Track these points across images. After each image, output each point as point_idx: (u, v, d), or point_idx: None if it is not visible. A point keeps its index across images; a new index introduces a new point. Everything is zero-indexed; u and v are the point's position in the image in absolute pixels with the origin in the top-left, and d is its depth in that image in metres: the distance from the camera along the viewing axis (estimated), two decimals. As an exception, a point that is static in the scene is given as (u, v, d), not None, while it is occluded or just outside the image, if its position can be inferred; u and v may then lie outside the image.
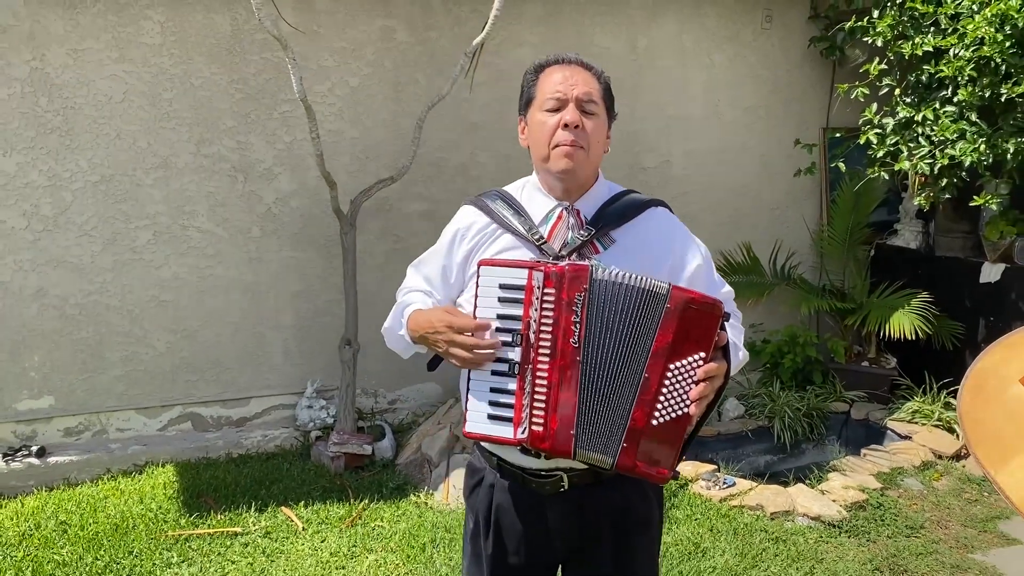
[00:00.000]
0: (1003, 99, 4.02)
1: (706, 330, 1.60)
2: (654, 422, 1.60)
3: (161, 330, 4.47)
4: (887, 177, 4.79)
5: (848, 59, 5.33)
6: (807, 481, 4.19)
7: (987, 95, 4.09)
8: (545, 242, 1.78)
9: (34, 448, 4.22)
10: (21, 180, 4.13)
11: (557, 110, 1.76)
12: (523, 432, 1.64)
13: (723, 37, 5.35)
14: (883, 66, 4.63)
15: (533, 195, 1.87)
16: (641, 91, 5.20)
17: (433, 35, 4.67)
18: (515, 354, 1.66)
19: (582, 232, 1.78)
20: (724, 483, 3.96)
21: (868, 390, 5.27)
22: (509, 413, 1.66)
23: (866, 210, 5.49)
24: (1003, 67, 3.98)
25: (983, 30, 3.94)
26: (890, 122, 4.67)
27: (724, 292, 1.91)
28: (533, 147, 1.82)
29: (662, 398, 1.60)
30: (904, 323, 4.92)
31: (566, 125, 1.74)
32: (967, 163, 4.22)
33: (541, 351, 1.63)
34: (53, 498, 3.98)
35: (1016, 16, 3.79)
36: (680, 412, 1.60)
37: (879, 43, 4.63)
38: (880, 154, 4.72)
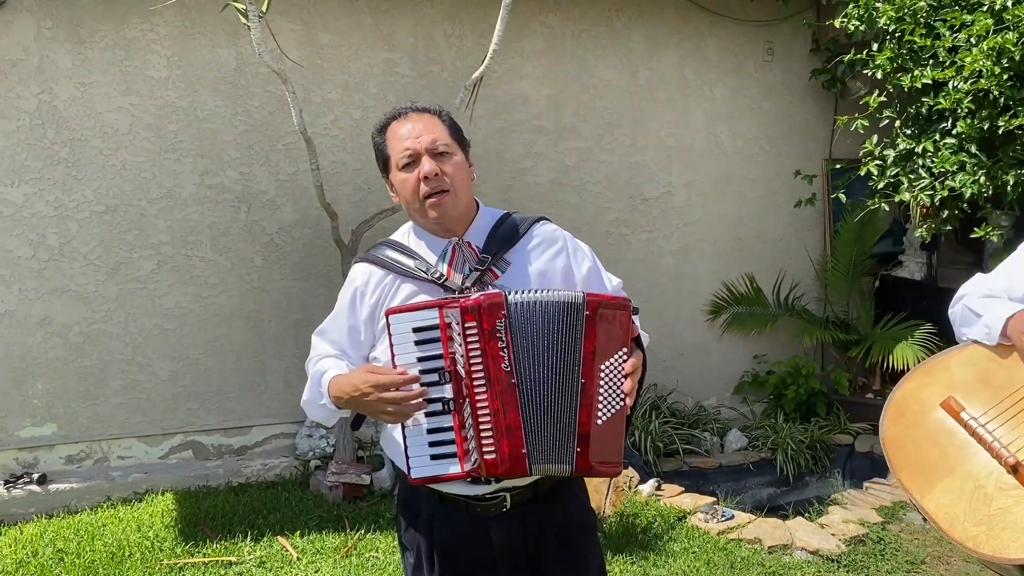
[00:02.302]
0: (1001, 131, 4.02)
1: (623, 327, 1.73)
2: (599, 421, 1.70)
3: (163, 358, 4.50)
4: (887, 208, 4.79)
5: (849, 91, 5.36)
6: (807, 514, 4.15)
7: (986, 127, 4.09)
8: (446, 279, 1.82)
9: (35, 475, 4.25)
10: (28, 210, 4.20)
11: (413, 164, 1.82)
12: (473, 464, 1.68)
13: (725, 69, 5.39)
14: (883, 98, 4.64)
15: (424, 237, 1.91)
16: (642, 123, 5.24)
17: (435, 68, 4.74)
18: (445, 391, 1.70)
19: (478, 262, 1.84)
20: (722, 516, 3.93)
21: (872, 422, 5.22)
22: (452, 449, 1.70)
23: (869, 241, 5.49)
24: (1001, 100, 3.99)
25: (981, 63, 3.95)
26: (891, 153, 4.67)
27: (617, 284, 2.01)
28: (405, 205, 1.88)
29: (600, 398, 1.70)
30: (908, 354, 4.89)
31: (426, 178, 1.79)
32: (967, 195, 4.21)
33: (476, 382, 1.68)
34: (52, 525, 4.00)
35: (1013, 49, 3.81)
36: (619, 406, 1.72)
37: (879, 75, 4.65)
38: (881, 185, 4.71)
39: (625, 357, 1.72)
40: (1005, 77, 3.91)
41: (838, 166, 5.47)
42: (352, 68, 4.61)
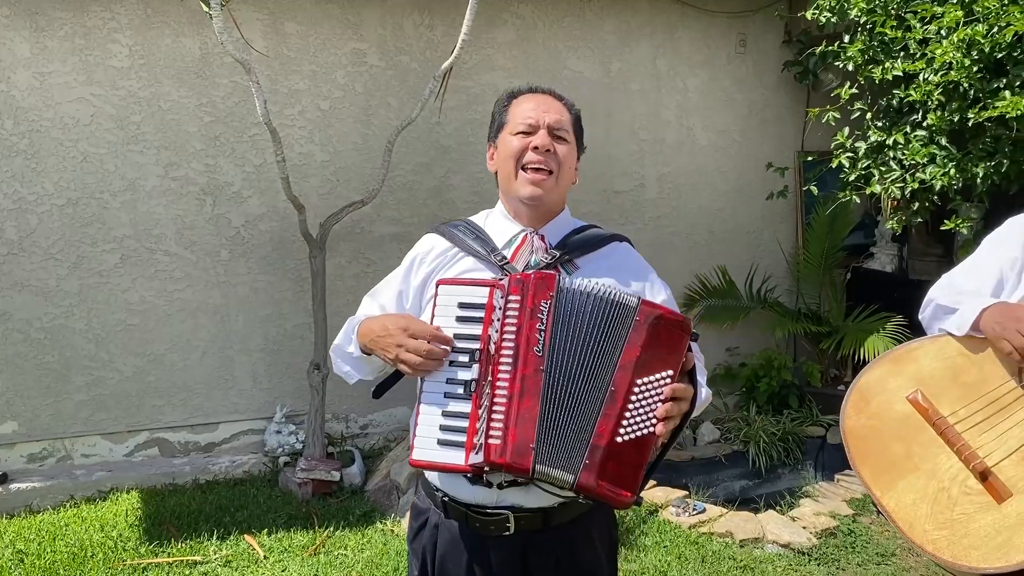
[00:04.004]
0: (971, 123, 4.02)
1: (675, 347, 1.56)
2: (619, 439, 1.53)
3: (128, 354, 4.41)
4: (858, 201, 4.79)
5: (821, 83, 5.35)
6: (778, 507, 4.15)
7: (956, 119, 4.09)
8: (508, 263, 1.76)
9: (-5, 475, 4.15)
10: (-15, 203, 4.09)
11: (528, 134, 1.76)
12: (477, 454, 1.55)
13: (697, 62, 5.36)
14: (854, 90, 4.64)
15: (497, 222, 1.85)
16: (615, 115, 5.20)
17: (404, 59, 4.67)
18: (470, 374, 1.60)
19: (547, 255, 1.76)
20: (694, 509, 3.92)
21: (845, 414, 5.23)
22: (461, 438, 1.57)
23: (841, 233, 5.49)
24: (971, 92, 3.99)
25: (951, 55, 3.95)
26: (862, 146, 4.67)
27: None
28: (501, 169, 1.81)
29: (628, 414, 1.53)
30: (879, 347, 4.89)
31: (536, 148, 1.73)
32: (938, 187, 4.22)
33: (503, 360, 1.57)
34: (12, 526, 3.90)
35: (983, 41, 3.81)
36: (647, 430, 1.54)
37: (850, 67, 4.64)
38: (852, 178, 4.71)
39: (669, 380, 1.55)
40: (975, 69, 3.91)
41: (810, 158, 5.47)
42: (319, 58, 4.53)
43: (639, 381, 1.54)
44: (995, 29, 3.78)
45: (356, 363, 1.83)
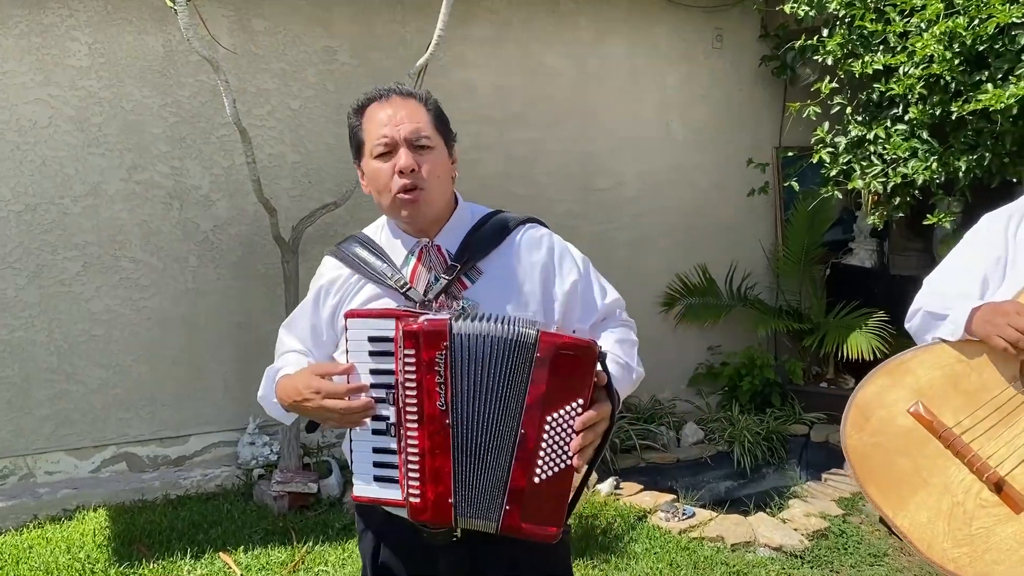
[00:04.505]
0: (953, 117, 3.98)
1: (582, 375, 1.51)
2: (536, 479, 1.51)
3: (92, 366, 4.23)
4: (840, 196, 4.75)
5: (799, 78, 5.31)
6: (768, 509, 4.08)
7: (938, 113, 4.05)
8: (409, 287, 1.68)
9: (-47, 496, 3.96)
10: (-62, 210, 3.90)
11: (389, 153, 1.65)
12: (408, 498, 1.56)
13: (674, 57, 5.29)
14: (834, 84, 4.59)
15: (392, 235, 1.77)
16: (592, 112, 5.11)
17: (376, 56, 4.54)
18: (391, 411, 1.55)
19: (445, 271, 1.68)
20: (683, 514, 3.84)
21: (827, 412, 5.20)
22: (394, 474, 1.56)
23: (820, 229, 5.46)
24: (952, 85, 3.95)
25: (932, 48, 3.91)
26: (842, 141, 4.62)
27: (610, 302, 1.81)
28: (376, 197, 1.72)
29: (542, 453, 1.50)
30: (862, 343, 4.87)
31: (401, 172, 1.63)
32: (920, 181, 4.18)
33: (408, 417, 1.53)
34: (-28, 549, 3.72)
35: (964, 34, 3.77)
36: (563, 465, 1.51)
37: (829, 62, 4.59)
38: (833, 173, 4.66)
39: (580, 410, 1.50)
40: (957, 62, 3.87)
41: (790, 154, 5.42)
42: (289, 56, 4.39)
43: (549, 418, 1.50)
44: (976, 21, 3.75)
45: (284, 414, 1.76)
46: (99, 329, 4.22)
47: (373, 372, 1.56)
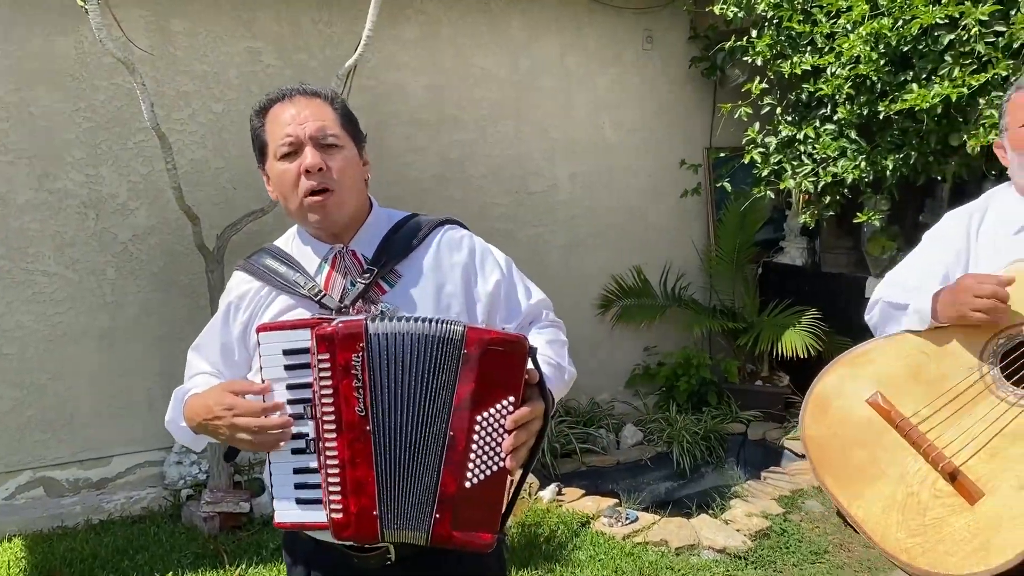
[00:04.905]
0: (880, 116, 4.05)
1: (513, 371, 1.43)
2: (468, 484, 1.42)
3: (5, 386, 3.98)
4: (772, 196, 4.79)
5: (729, 79, 5.35)
6: (710, 511, 4.08)
7: (865, 113, 4.12)
8: (324, 295, 1.58)
9: None
10: None
11: (294, 154, 1.56)
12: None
13: (605, 58, 5.28)
14: (764, 85, 4.64)
15: (303, 243, 1.68)
16: (525, 113, 5.06)
17: (303, 57, 4.39)
18: (310, 427, 1.46)
19: (362, 275, 1.60)
20: (626, 518, 3.81)
21: (763, 409, 5.26)
22: (318, 494, 1.45)
23: (752, 229, 5.51)
24: (879, 85, 4.01)
25: (858, 49, 3.96)
26: (773, 141, 4.67)
27: (535, 302, 1.75)
28: (283, 202, 1.62)
29: (472, 456, 1.42)
30: (796, 341, 4.92)
31: (308, 172, 1.54)
32: (849, 180, 4.24)
33: (326, 427, 1.43)
34: None
35: (889, 35, 3.83)
36: (495, 468, 1.43)
37: (759, 62, 4.64)
38: (765, 173, 4.71)
39: (511, 407, 1.42)
40: (882, 63, 3.93)
41: (721, 155, 5.47)
42: (210, 58, 4.22)
43: (479, 418, 1.42)
44: (901, 22, 3.81)
45: (194, 439, 1.64)
46: (11, 347, 3.97)
47: (290, 387, 1.46)
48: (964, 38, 3.61)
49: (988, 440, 1.75)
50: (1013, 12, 3.46)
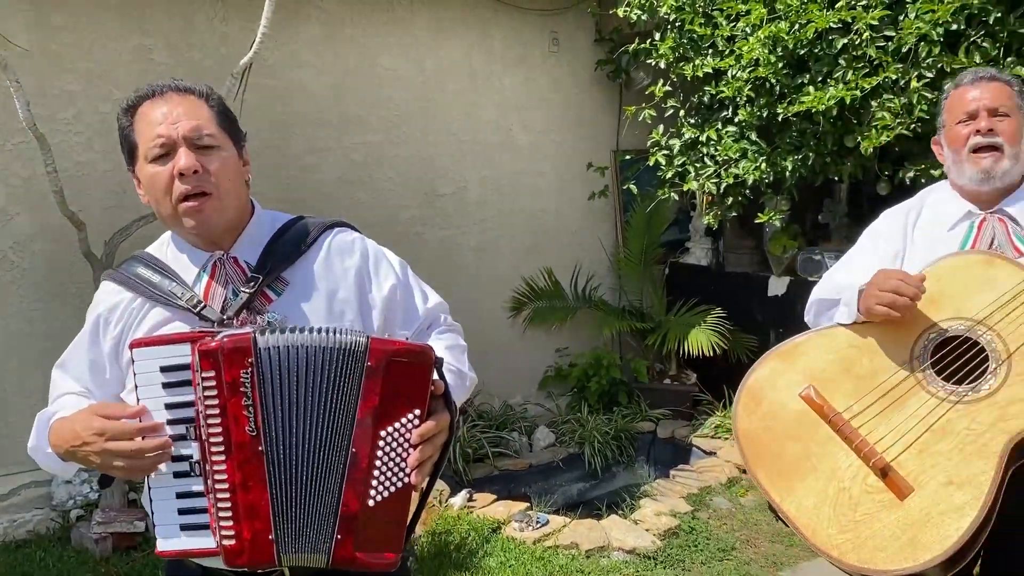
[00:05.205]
0: (779, 118, 4.14)
1: (418, 384, 1.39)
2: (371, 502, 1.37)
3: None
4: (676, 197, 4.85)
5: (634, 81, 5.40)
6: (620, 511, 4.09)
7: (764, 115, 4.20)
8: (204, 306, 1.49)
9: None
10: None
11: (167, 156, 1.46)
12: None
13: (512, 60, 5.25)
14: (667, 88, 4.69)
15: (179, 251, 1.57)
16: (432, 115, 4.98)
17: (197, 55, 4.22)
18: (193, 449, 1.37)
19: (245, 284, 1.51)
20: (537, 522, 3.78)
21: (672, 407, 5.32)
22: (205, 519, 1.37)
23: (658, 230, 5.57)
24: (777, 87, 4.10)
25: (757, 52, 4.05)
26: (677, 143, 4.73)
27: (432, 306, 1.71)
28: (155, 207, 1.52)
29: (376, 472, 1.37)
30: (702, 340, 4.99)
31: (181, 175, 1.44)
32: (750, 181, 4.33)
33: (214, 449, 1.35)
34: None
35: (787, 38, 3.92)
36: (400, 484, 1.38)
37: (662, 65, 4.69)
38: (669, 175, 4.77)
39: (417, 421, 1.38)
40: (780, 65, 4.02)
41: (627, 157, 5.52)
42: (97, 55, 4.00)
43: (383, 433, 1.38)
44: (797, 26, 3.90)
45: (63, 466, 1.51)
46: None
47: (170, 407, 1.37)
48: (856, 42, 3.72)
49: (918, 436, 1.75)
50: (901, 17, 3.58)
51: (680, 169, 4.75)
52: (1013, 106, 1.89)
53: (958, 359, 1.78)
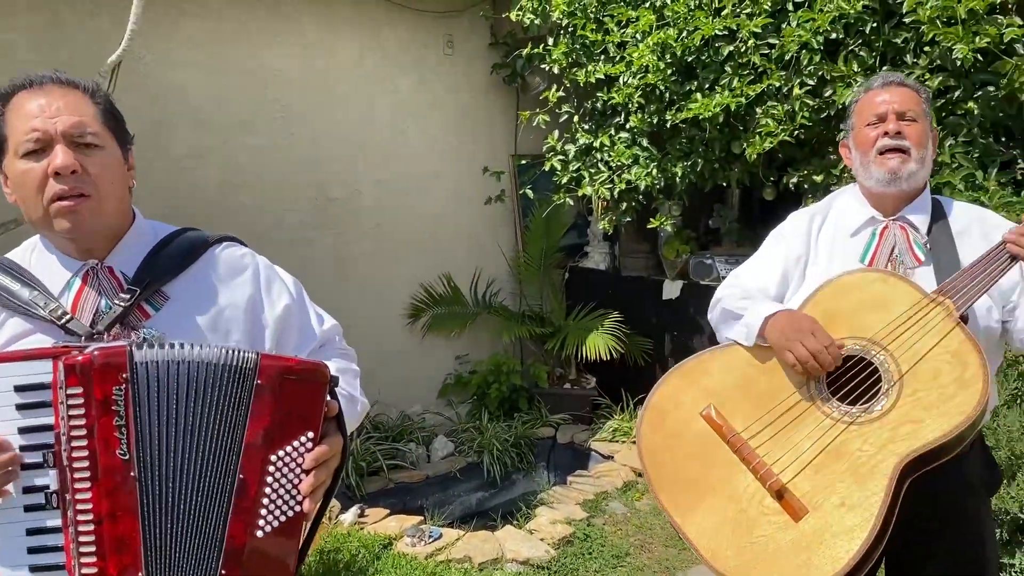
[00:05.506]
0: (668, 125, 4.17)
1: (312, 404, 1.30)
2: (260, 532, 1.27)
3: None
4: (572, 203, 4.85)
5: (529, 86, 5.37)
6: (515, 521, 4.04)
7: (655, 121, 4.22)
8: (71, 318, 1.35)
9: None
10: None
11: (41, 152, 1.33)
12: None
13: (406, 62, 5.15)
14: (561, 93, 4.68)
15: (47, 258, 1.43)
16: (323, 117, 4.84)
17: (64, 53, 3.97)
18: (50, 479, 1.22)
19: (120, 296, 1.38)
20: (430, 536, 3.69)
21: (572, 412, 5.32)
22: (60, 558, 1.22)
23: (557, 234, 5.56)
24: (667, 94, 4.12)
25: (647, 59, 4.06)
26: (572, 148, 4.72)
27: (328, 328, 1.62)
28: (23, 205, 1.38)
29: (266, 500, 1.27)
30: (599, 344, 5.01)
31: (57, 174, 1.31)
32: (642, 187, 4.34)
33: (78, 476, 1.21)
34: None
35: (675, 45, 3.94)
36: (291, 513, 1.29)
37: (556, 70, 4.68)
38: (564, 180, 4.76)
39: (310, 444, 1.29)
40: (669, 72, 4.04)
41: (523, 162, 5.49)
42: (-49, 50, 3.73)
43: (274, 458, 1.28)
44: (684, 33, 3.93)
45: None
46: None
47: (24, 431, 1.22)
48: (742, 49, 3.76)
49: (814, 456, 1.74)
50: (784, 25, 3.65)
51: (575, 174, 4.74)
52: (920, 112, 1.90)
53: (854, 378, 1.78)
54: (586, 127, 4.68)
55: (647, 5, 4.16)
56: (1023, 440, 2.70)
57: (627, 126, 4.40)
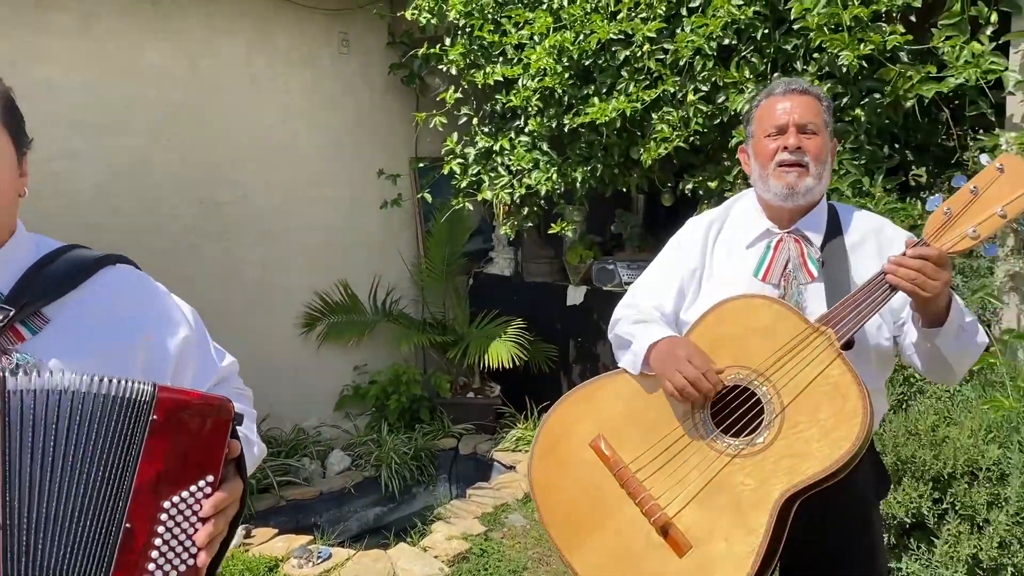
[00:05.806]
0: (568, 129, 4.10)
1: (213, 444, 1.15)
2: None
3: None
4: (471, 208, 4.74)
5: (428, 87, 5.24)
6: (409, 537, 3.90)
7: (554, 125, 4.15)
8: None
9: None
10: None
11: None
12: None
13: (298, 61, 4.95)
14: (459, 95, 4.56)
15: None
16: (208, 117, 4.59)
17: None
18: None
19: None
20: (318, 557, 3.51)
21: (476, 421, 5.20)
22: None
23: (460, 240, 5.44)
24: (565, 98, 4.06)
25: (544, 61, 3.98)
26: (471, 152, 4.62)
27: (228, 363, 1.48)
28: None
29: (155, 553, 1.11)
30: (502, 352, 4.90)
31: None
32: (543, 192, 4.27)
33: None
34: None
35: (572, 48, 3.87)
36: (184, 568, 1.13)
37: (453, 71, 4.56)
38: (464, 184, 4.65)
39: (208, 490, 1.15)
40: (567, 76, 3.98)
41: (422, 165, 5.35)
42: None
43: (167, 505, 1.12)
44: (581, 36, 3.87)
45: None
46: None
47: None
48: (637, 54, 3.72)
49: (699, 490, 1.68)
50: (679, 30, 3.62)
51: (475, 178, 4.64)
52: (821, 123, 1.84)
53: (740, 407, 1.73)
54: (486, 130, 4.58)
55: (544, 7, 4.09)
56: (908, 445, 2.71)
57: (527, 129, 4.32)
